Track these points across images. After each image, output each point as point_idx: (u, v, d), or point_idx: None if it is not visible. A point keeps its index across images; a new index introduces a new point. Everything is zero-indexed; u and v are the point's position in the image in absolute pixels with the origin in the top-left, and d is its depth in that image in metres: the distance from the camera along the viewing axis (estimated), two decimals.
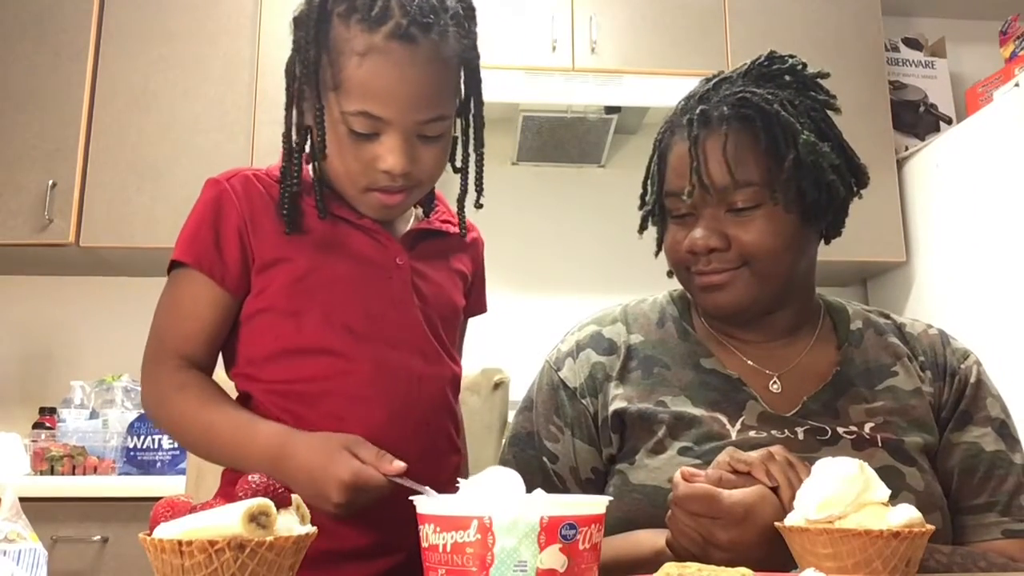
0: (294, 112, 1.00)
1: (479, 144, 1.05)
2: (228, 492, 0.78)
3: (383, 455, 0.88)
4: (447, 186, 1.09)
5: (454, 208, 1.12)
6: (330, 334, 0.98)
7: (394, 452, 0.94)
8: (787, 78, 1.07)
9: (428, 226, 1.08)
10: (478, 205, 1.07)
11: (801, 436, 1.01)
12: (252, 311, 1.00)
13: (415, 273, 1.04)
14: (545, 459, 1.09)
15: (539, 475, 1.09)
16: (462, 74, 1.02)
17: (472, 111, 1.04)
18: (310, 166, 1.02)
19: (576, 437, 1.09)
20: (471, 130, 1.05)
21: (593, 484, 1.09)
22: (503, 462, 1.13)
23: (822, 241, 1.11)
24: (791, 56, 1.09)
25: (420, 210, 1.11)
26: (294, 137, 1.00)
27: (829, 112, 1.07)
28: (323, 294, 0.98)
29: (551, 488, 1.08)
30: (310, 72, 0.95)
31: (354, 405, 0.97)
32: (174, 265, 1.00)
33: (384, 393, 0.98)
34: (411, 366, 1.00)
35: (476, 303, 1.17)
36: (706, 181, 1.02)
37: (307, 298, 0.98)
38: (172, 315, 0.99)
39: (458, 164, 1.07)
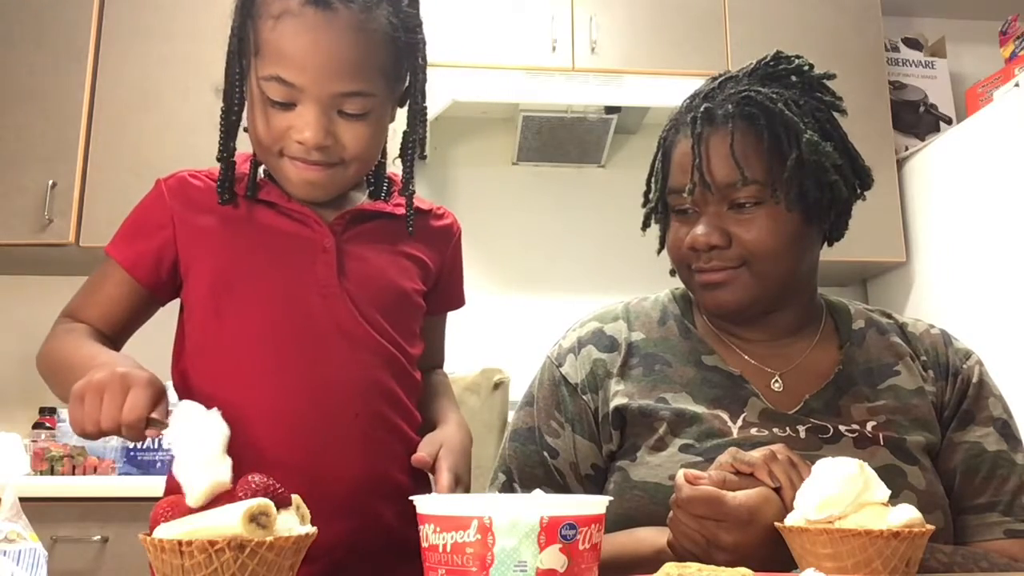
0: (229, 85, 1.02)
1: (413, 131, 1.04)
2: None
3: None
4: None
5: (439, 200, 1.11)
6: (249, 324, 0.98)
7: (324, 440, 0.96)
8: (793, 78, 1.07)
9: (367, 208, 1.06)
10: (412, 192, 1.06)
11: (803, 434, 1.01)
12: (187, 308, 1.03)
13: (349, 255, 1.02)
14: (546, 454, 1.09)
15: (540, 470, 1.09)
16: (401, 60, 1.00)
17: (411, 99, 1.03)
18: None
19: (577, 433, 1.09)
20: (411, 116, 1.04)
21: (592, 480, 1.09)
22: (504, 457, 1.14)
23: (825, 243, 1.12)
24: (797, 56, 1.09)
25: (369, 197, 1.09)
26: (228, 108, 1.02)
27: (835, 114, 1.08)
28: (242, 284, 0.99)
29: (551, 482, 1.08)
30: (235, 38, 0.98)
31: (274, 392, 0.97)
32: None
33: (304, 380, 0.97)
34: (334, 351, 0.99)
35: (449, 295, 1.15)
36: (708, 178, 1.02)
37: (226, 289, 0.99)
38: (82, 289, 1.07)
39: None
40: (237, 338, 0.98)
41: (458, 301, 1.18)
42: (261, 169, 1.05)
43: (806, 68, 1.08)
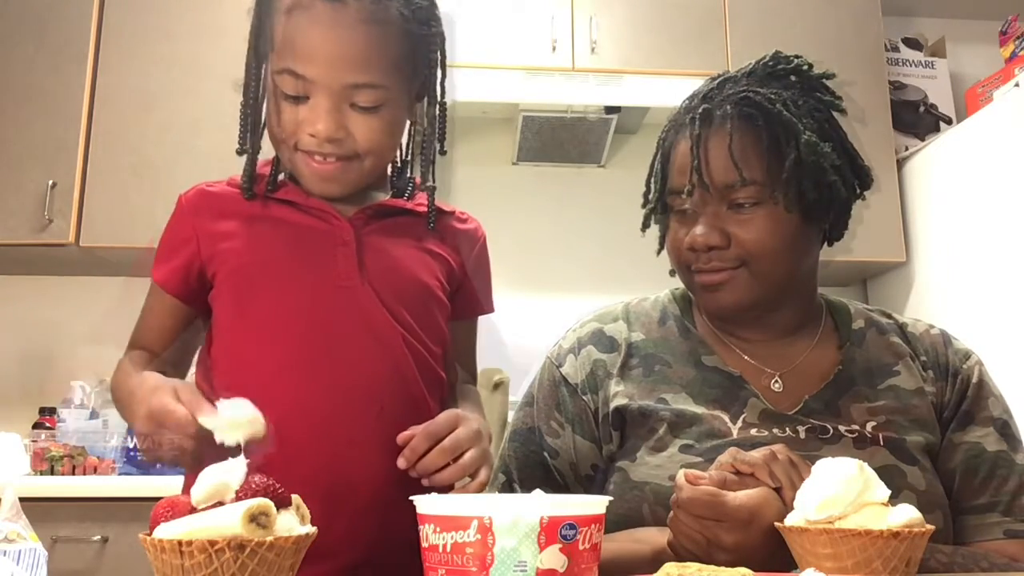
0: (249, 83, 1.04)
1: (434, 129, 1.05)
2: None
3: (200, 401, 0.86)
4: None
5: (455, 205, 1.11)
6: (270, 319, 0.99)
7: (349, 434, 0.96)
8: (792, 78, 1.07)
9: (387, 203, 1.06)
10: (431, 188, 1.07)
11: (803, 435, 1.01)
12: (214, 311, 1.03)
13: (369, 249, 1.02)
14: (546, 454, 1.10)
15: (539, 470, 1.09)
16: (418, 54, 1.01)
17: (428, 94, 1.05)
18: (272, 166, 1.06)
19: (576, 433, 1.09)
20: (431, 111, 1.05)
21: (592, 480, 1.09)
22: (504, 457, 1.13)
23: (825, 243, 1.12)
24: (797, 56, 1.09)
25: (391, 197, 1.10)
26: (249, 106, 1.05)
27: (835, 114, 1.08)
28: (263, 280, 1.00)
29: (551, 483, 1.08)
30: (252, 35, 0.99)
31: (298, 387, 0.97)
32: None
33: (328, 373, 0.97)
34: (357, 344, 0.99)
35: (475, 300, 1.14)
36: (707, 179, 1.02)
37: (248, 286, 1.00)
38: (139, 319, 1.09)
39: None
40: (259, 333, 0.99)
41: (485, 306, 1.16)
42: (282, 175, 1.07)
43: (805, 68, 1.08)
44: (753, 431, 1.01)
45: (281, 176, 1.06)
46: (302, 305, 0.99)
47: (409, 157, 1.10)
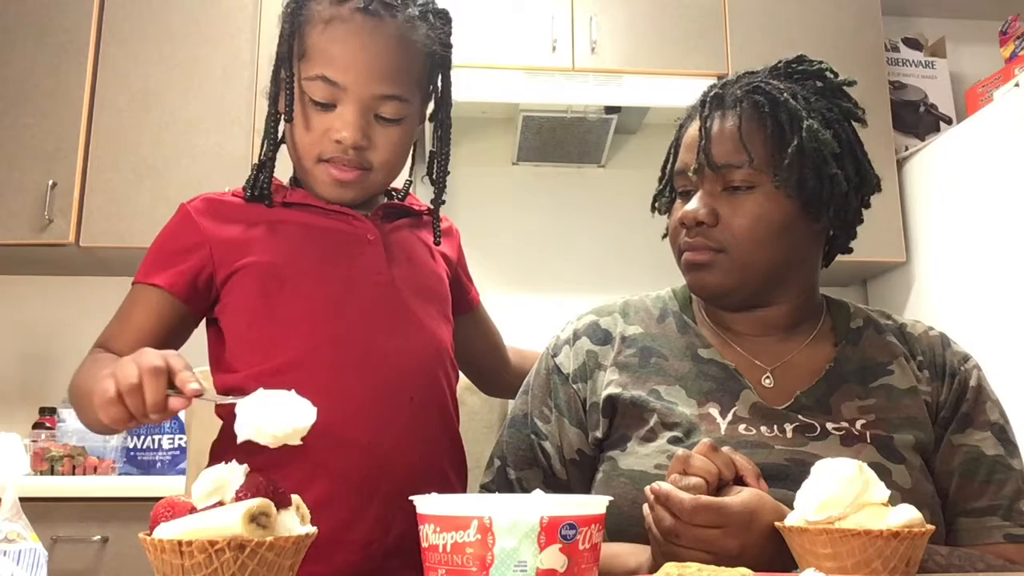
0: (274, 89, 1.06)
1: (444, 143, 1.11)
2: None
3: (187, 372, 0.80)
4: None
5: (455, 205, 1.14)
6: (304, 316, 1.01)
7: (384, 425, 0.99)
8: (816, 83, 1.10)
9: (394, 205, 1.13)
10: (440, 203, 1.12)
11: (790, 433, 1.01)
12: (228, 314, 1.03)
13: (392, 246, 1.07)
14: (534, 436, 1.12)
15: (530, 453, 1.11)
16: (433, 74, 1.07)
17: (441, 112, 1.10)
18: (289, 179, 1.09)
19: (565, 419, 1.11)
20: (439, 130, 1.11)
21: (577, 465, 1.10)
22: (500, 443, 1.16)
23: (829, 252, 1.14)
24: (820, 61, 1.12)
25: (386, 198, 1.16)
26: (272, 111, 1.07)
27: (855, 123, 1.11)
28: (294, 279, 1.02)
29: (539, 464, 1.11)
30: (284, 44, 1.02)
31: (334, 382, 0.99)
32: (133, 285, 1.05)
33: (362, 366, 1.00)
34: (388, 337, 1.03)
35: (469, 291, 1.23)
36: (709, 157, 1.04)
37: (279, 285, 1.01)
38: (111, 321, 1.05)
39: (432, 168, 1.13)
40: (293, 330, 1.00)
41: (475, 296, 1.26)
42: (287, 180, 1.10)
43: (828, 73, 1.11)
44: (741, 428, 1.02)
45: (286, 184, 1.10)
46: (335, 300, 1.02)
47: (411, 175, 1.16)
